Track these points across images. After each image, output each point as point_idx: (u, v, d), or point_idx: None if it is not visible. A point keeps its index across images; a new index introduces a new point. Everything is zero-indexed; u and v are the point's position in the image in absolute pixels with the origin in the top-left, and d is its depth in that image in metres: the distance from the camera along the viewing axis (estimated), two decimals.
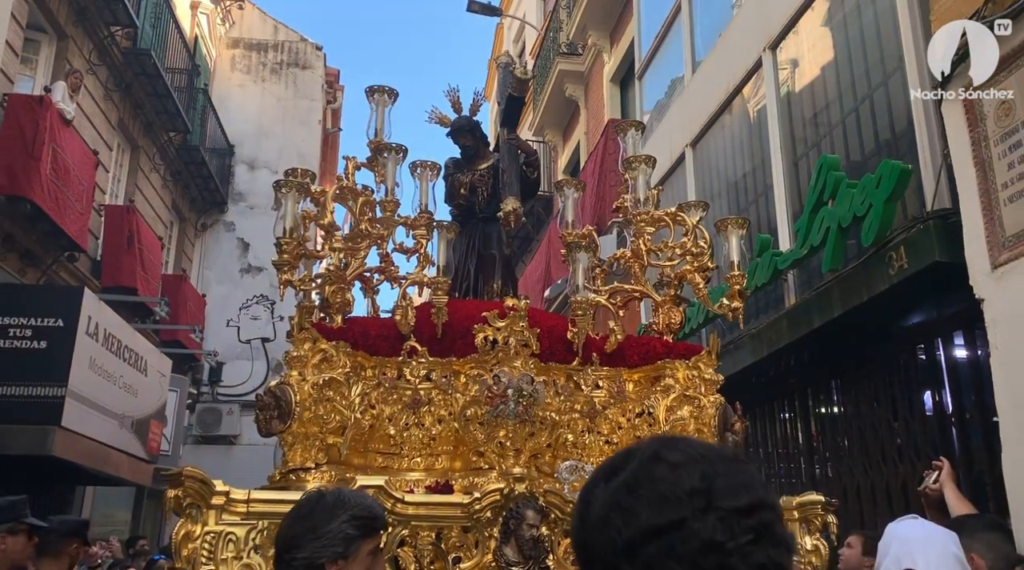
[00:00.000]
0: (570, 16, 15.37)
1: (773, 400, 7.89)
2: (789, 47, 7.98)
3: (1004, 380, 4.72)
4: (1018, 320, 4.57)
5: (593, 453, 4.33)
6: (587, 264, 4.41)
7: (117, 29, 12.74)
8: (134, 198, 14.42)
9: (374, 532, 2.23)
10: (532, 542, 3.58)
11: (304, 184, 4.18)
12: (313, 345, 4.06)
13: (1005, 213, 4.64)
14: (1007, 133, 4.67)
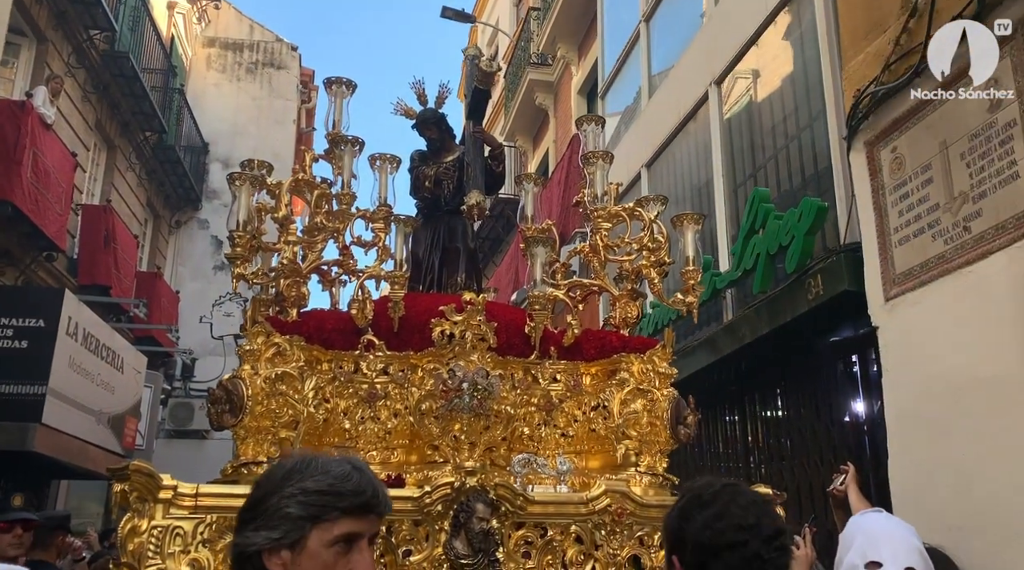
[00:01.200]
0: (540, 27, 15.29)
1: (718, 404, 8.14)
2: (731, 84, 8.40)
3: (892, 398, 5.26)
4: (904, 346, 5.12)
5: (549, 446, 4.22)
6: (545, 258, 4.29)
7: (96, 32, 12.61)
8: (110, 197, 14.26)
9: (340, 514, 1.55)
10: (482, 535, 3.45)
11: (258, 177, 4.02)
12: (266, 339, 3.90)
13: (896, 253, 5.20)
14: (898, 184, 5.20)
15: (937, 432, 4.80)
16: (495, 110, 18.90)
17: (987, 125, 4.57)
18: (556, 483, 3.86)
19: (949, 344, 4.73)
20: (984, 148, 4.60)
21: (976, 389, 4.50)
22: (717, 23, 8.68)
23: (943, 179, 4.86)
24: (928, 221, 4.97)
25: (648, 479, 3.96)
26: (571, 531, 3.61)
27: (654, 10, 10.68)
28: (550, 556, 3.59)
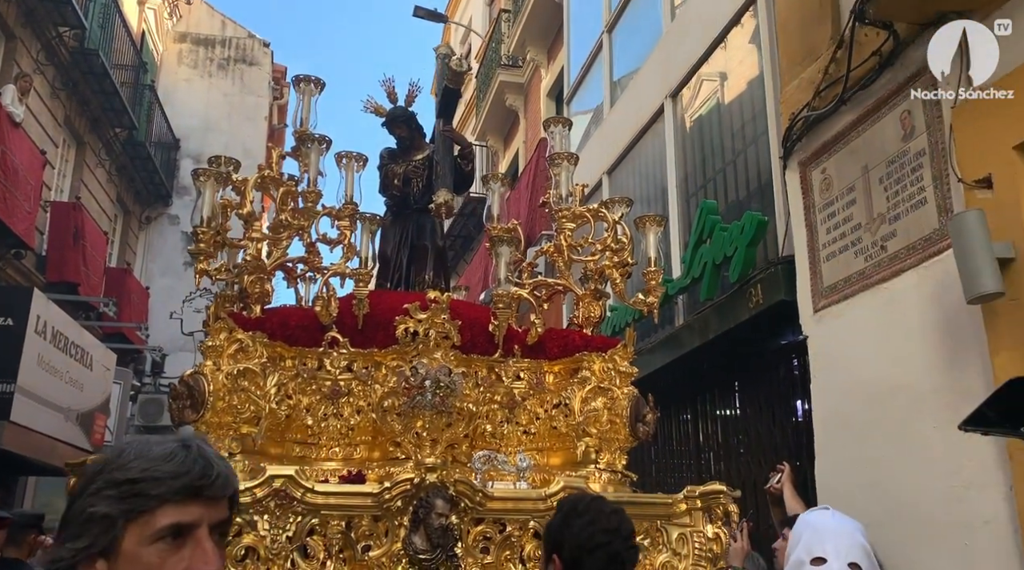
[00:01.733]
0: (511, 29, 15.29)
1: (674, 404, 8.31)
2: (686, 98, 8.61)
3: (818, 402, 5.53)
4: (829, 355, 5.40)
5: (511, 443, 4.21)
6: (510, 258, 4.28)
7: (65, 30, 12.41)
8: (80, 194, 14.08)
9: (159, 503, 1.24)
10: (441, 531, 3.43)
11: (223, 173, 3.98)
12: (229, 335, 3.87)
13: (824, 268, 5.47)
14: (827, 203, 5.45)
15: (857, 434, 5.07)
16: (467, 109, 18.86)
17: (901, 153, 4.83)
18: (516, 480, 3.85)
19: (868, 354, 5.00)
20: (898, 174, 4.86)
21: (891, 396, 4.76)
22: (673, 39, 8.88)
23: (864, 200, 5.12)
24: (851, 239, 5.22)
25: (607, 476, 3.97)
26: (529, 527, 3.60)
27: (616, 21, 10.83)
28: (508, 551, 3.58)
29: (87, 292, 12.92)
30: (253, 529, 3.43)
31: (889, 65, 4.86)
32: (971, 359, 4.21)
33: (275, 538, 3.43)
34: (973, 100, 4.25)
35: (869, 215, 5.05)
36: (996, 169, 4.14)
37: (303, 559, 3.47)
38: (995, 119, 4.14)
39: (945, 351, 4.41)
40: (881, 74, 4.92)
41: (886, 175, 4.93)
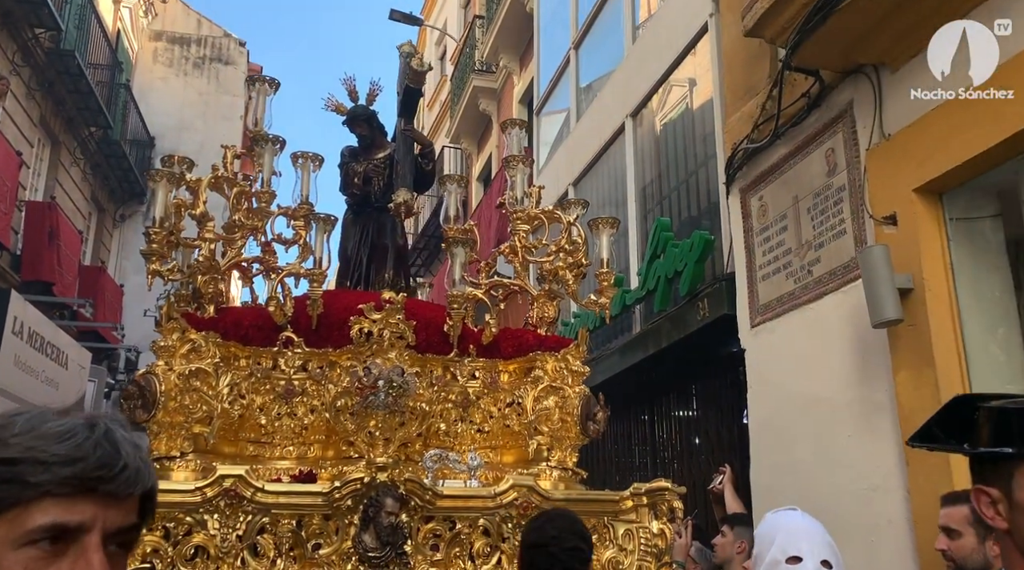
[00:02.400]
0: (485, 35, 15.25)
1: (635, 406, 8.53)
2: (645, 118, 8.87)
3: (753, 410, 5.87)
4: (763, 367, 5.75)
5: (464, 442, 4.20)
6: (465, 259, 4.26)
7: (41, 31, 12.28)
8: (54, 193, 13.94)
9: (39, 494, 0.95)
10: (390, 529, 3.41)
11: (175, 173, 3.94)
12: (182, 335, 3.83)
13: (760, 287, 5.80)
14: (763, 228, 5.78)
15: (785, 441, 5.42)
16: (442, 111, 18.80)
17: (826, 186, 5.19)
18: (468, 478, 3.84)
19: (795, 368, 5.37)
20: (823, 205, 5.22)
21: (813, 407, 5.16)
22: (634, 61, 9.08)
23: (795, 228, 5.47)
24: (783, 262, 5.57)
25: (558, 473, 3.96)
26: (479, 524, 3.59)
27: (582, 39, 10.95)
28: (458, 548, 3.57)
29: (61, 291, 12.80)
30: (203, 528, 3.40)
31: (816, 106, 5.21)
32: (879, 376, 4.62)
33: (225, 537, 3.40)
34: (885, 143, 4.64)
35: (798, 241, 5.42)
36: (900, 208, 4.52)
37: (253, 558, 3.44)
38: (900, 163, 4.51)
39: (858, 368, 4.82)
40: (809, 114, 5.28)
41: (813, 206, 5.30)
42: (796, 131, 5.42)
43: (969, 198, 4.43)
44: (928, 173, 4.35)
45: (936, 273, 4.36)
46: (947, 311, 4.31)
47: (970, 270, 4.37)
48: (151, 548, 3.34)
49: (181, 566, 3.35)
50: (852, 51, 4.74)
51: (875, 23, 4.45)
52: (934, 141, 4.32)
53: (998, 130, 3.91)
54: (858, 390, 4.79)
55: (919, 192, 4.42)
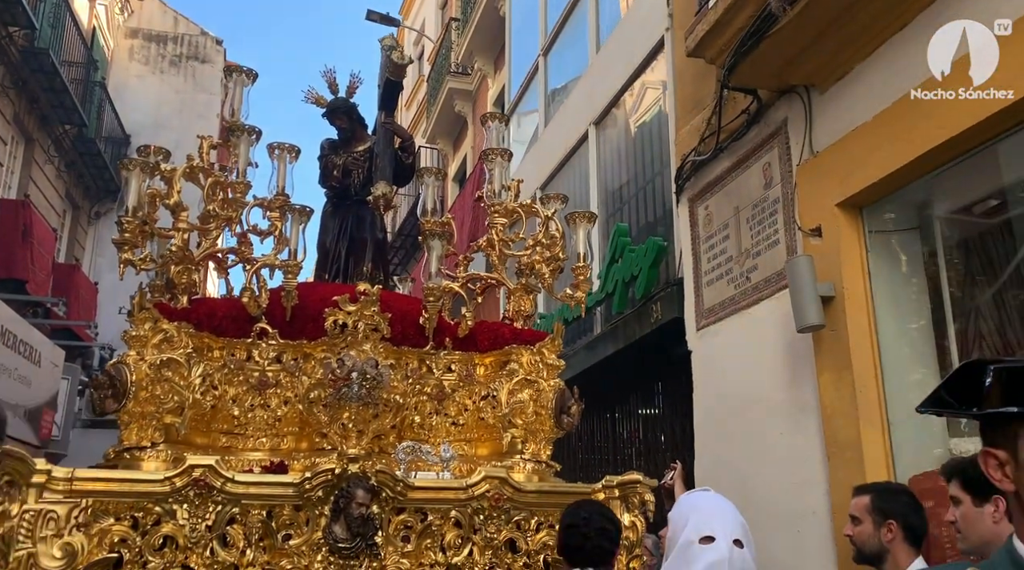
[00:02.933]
0: (460, 37, 15.22)
1: (601, 402, 8.62)
2: (608, 126, 9.10)
3: (698, 408, 6.12)
4: (707, 367, 6.01)
5: (439, 434, 4.14)
6: (441, 252, 4.21)
7: (16, 29, 12.09)
8: (28, 191, 13.74)
9: None
10: (361, 520, 3.36)
11: (149, 163, 3.87)
12: (154, 325, 3.75)
13: (705, 292, 6.03)
14: (708, 236, 6.00)
15: (725, 438, 5.67)
16: (419, 111, 18.74)
17: (763, 199, 5.41)
18: (440, 470, 3.79)
19: (735, 369, 5.59)
20: (760, 216, 5.43)
21: (752, 406, 5.37)
22: (597, 70, 9.22)
23: (736, 236, 5.71)
24: (725, 269, 5.81)
25: (532, 466, 3.93)
26: (451, 516, 3.55)
27: (551, 46, 11.10)
28: (429, 540, 3.52)
29: (35, 289, 12.61)
30: (172, 518, 3.34)
31: (755, 122, 5.44)
32: (806, 378, 4.87)
33: (194, 527, 3.34)
34: (813, 160, 4.89)
35: (739, 249, 5.66)
36: (824, 221, 4.78)
37: (223, 548, 3.37)
38: (826, 178, 4.76)
39: (788, 371, 5.07)
40: (749, 130, 5.51)
41: (751, 216, 5.52)
42: (737, 145, 5.65)
43: (887, 212, 4.69)
44: (849, 189, 4.58)
45: (855, 282, 4.60)
46: (864, 317, 4.55)
47: (887, 279, 4.64)
48: (119, 537, 3.28)
49: (149, 556, 3.29)
50: (784, 73, 4.95)
51: (803, 48, 4.69)
52: (855, 159, 4.54)
53: (912, 149, 4.10)
54: (788, 391, 5.04)
55: (841, 206, 4.67)
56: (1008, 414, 1.32)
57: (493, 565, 3.54)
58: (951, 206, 4.57)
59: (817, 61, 4.74)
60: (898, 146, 4.20)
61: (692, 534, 2.60)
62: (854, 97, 4.60)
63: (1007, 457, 1.33)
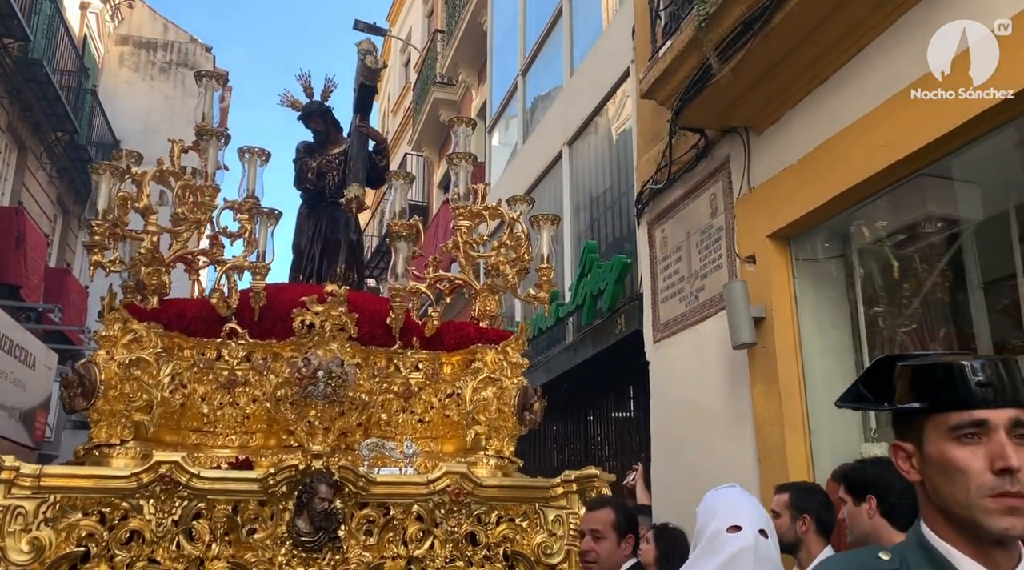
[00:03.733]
0: (445, 49, 15.23)
1: (576, 407, 8.93)
2: (580, 147, 9.33)
3: (654, 416, 6.42)
4: (662, 379, 6.33)
5: (406, 431, 4.16)
6: (408, 253, 4.23)
7: (10, 41, 12.15)
8: (21, 197, 13.74)
9: None
10: (323, 514, 3.39)
11: (119, 167, 3.88)
12: (123, 325, 3.77)
13: (661, 308, 6.37)
14: (664, 257, 6.36)
15: (677, 444, 5.99)
16: (405, 118, 18.74)
17: (709, 226, 5.78)
18: (404, 466, 3.81)
19: (685, 381, 5.94)
20: (707, 242, 5.79)
21: (699, 414, 5.70)
22: (571, 92, 9.45)
23: (687, 259, 6.08)
24: (678, 288, 6.15)
25: (495, 462, 3.95)
26: (413, 510, 3.57)
27: (529, 66, 11.27)
28: (391, 533, 3.55)
29: (28, 293, 12.65)
30: (139, 513, 3.37)
31: (704, 157, 5.82)
32: (742, 390, 5.25)
33: (161, 521, 3.36)
34: (749, 194, 5.29)
35: (689, 271, 6.03)
36: (758, 249, 5.20)
37: (189, 542, 3.40)
38: (759, 211, 5.18)
39: (728, 383, 5.43)
40: (698, 163, 5.89)
41: (700, 241, 5.90)
42: (688, 176, 6.03)
43: (812, 243, 5.13)
44: (778, 222, 5.00)
45: (783, 305, 5.03)
46: (791, 336, 4.96)
47: (812, 303, 5.07)
48: (87, 532, 3.31)
49: (116, 550, 3.32)
50: (726, 116, 5.36)
51: (739, 96, 5.08)
52: (783, 196, 4.96)
53: (829, 189, 4.53)
54: (728, 402, 5.43)
55: (772, 237, 5.10)
56: (913, 409, 1.37)
57: (454, 557, 3.57)
58: (867, 238, 5.00)
59: (753, 107, 5.16)
60: (819, 186, 4.62)
61: (720, 524, 2.66)
62: (784, 140, 5.00)
63: (913, 449, 1.38)
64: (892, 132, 4.08)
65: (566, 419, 9.20)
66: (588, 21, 9.34)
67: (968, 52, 3.70)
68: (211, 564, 3.40)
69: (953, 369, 1.34)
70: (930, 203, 4.47)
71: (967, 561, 1.29)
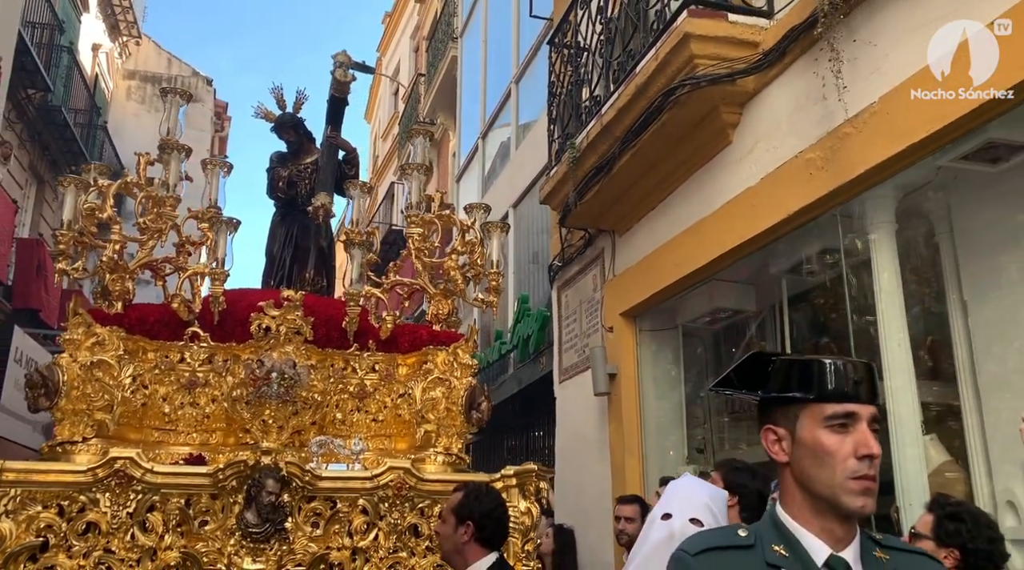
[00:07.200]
0: (425, 95, 15.23)
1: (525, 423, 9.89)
2: (522, 210, 10.19)
3: (559, 440, 7.33)
4: (563, 413, 7.22)
5: (360, 430, 4.06)
6: (363, 259, 4.14)
7: (34, 92, 12.48)
8: (40, 228, 13.90)
9: None
10: (271, 507, 3.29)
11: (84, 180, 3.81)
12: (87, 329, 3.67)
13: (564, 356, 7.27)
14: (567, 315, 7.24)
15: (573, 464, 6.90)
16: (391, 150, 18.71)
17: (592, 298, 6.70)
18: (351, 462, 3.69)
19: (575, 415, 6.89)
20: (590, 310, 6.71)
21: (582, 442, 6.71)
22: (517, 162, 10.14)
23: (579, 320, 6.98)
24: (574, 342, 7.06)
25: (443, 458, 3.84)
26: (358, 503, 3.47)
27: (488, 130, 11.71)
28: (337, 525, 3.45)
29: (47, 315, 12.74)
30: (95, 506, 3.27)
31: (590, 245, 6.78)
32: (605, 426, 6.29)
33: (116, 514, 3.27)
34: (612, 280, 6.29)
35: (581, 330, 6.93)
36: (615, 322, 6.20)
37: (143, 533, 3.29)
38: (617, 295, 6.19)
39: (599, 419, 6.40)
40: (586, 249, 6.86)
41: (587, 309, 6.83)
42: (581, 258, 6.97)
43: (654, 318, 6.13)
44: (627, 304, 6.02)
45: (628, 364, 6.09)
46: (633, 388, 6.04)
47: (651, 364, 6.13)
48: (45, 523, 3.22)
49: (74, 540, 3.25)
50: (597, 220, 6.37)
51: (603, 211, 6.09)
52: (631, 284, 5.97)
53: (661, 281, 5.49)
54: (599, 433, 6.41)
55: (623, 315, 6.12)
56: (791, 398, 1.44)
57: (397, 548, 3.47)
58: (690, 317, 6.03)
59: (614, 218, 6.19)
60: (653, 280, 5.62)
61: (656, 512, 2.62)
62: (635, 243, 6.00)
63: (785, 433, 1.44)
64: (696, 247, 5.07)
65: (519, 432, 10.19)
66: (531, 103, 9.76)
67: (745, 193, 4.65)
68: (164, 554, 3.29)
69: (832, 366, 1.42)
70: (719, 299, 5.63)
71: (811, 538, 1.39)
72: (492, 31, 11.92)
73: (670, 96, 4.68)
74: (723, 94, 4.61)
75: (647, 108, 4.91)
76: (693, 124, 4.87)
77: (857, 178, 3.80)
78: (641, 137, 5.07)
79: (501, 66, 11.18)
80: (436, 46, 14.59)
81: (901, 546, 1.50)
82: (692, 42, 4.47)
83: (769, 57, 4.48)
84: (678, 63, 4.60)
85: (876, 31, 3.80)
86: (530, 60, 9.89)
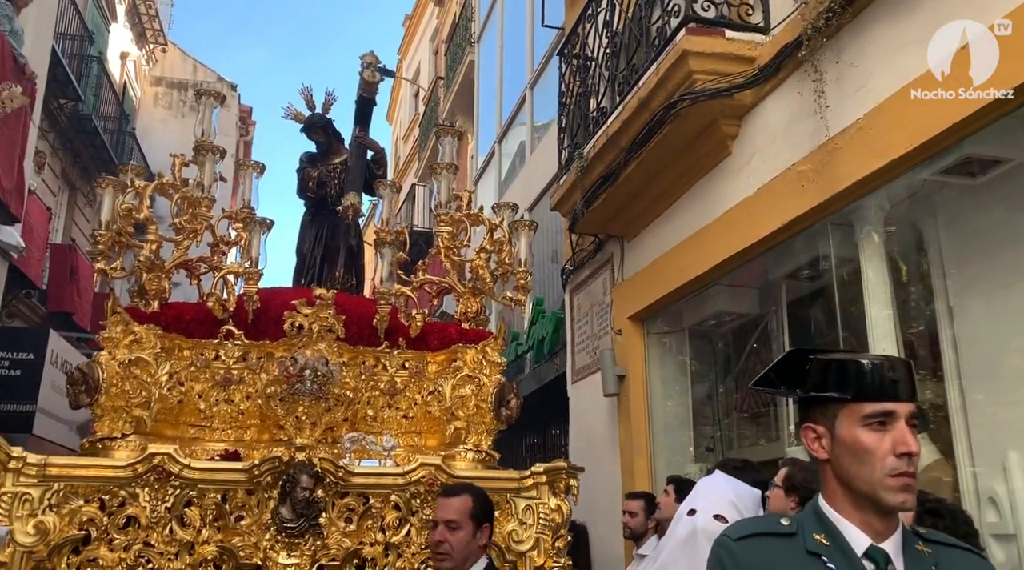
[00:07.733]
0: (444, 98, 15.23)
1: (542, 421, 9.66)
2: (536, 214, 9.89)
3: (572, 439, 7.42)
4: (577, 411, 7.32)
5: (391, 426, 4.07)
6: (392, 258, 4.15)
7: (65, 101, 12.66)
8: (72, 234, 14.11)
9: None
10: (305, 502, 3.30)
11: (122, 182, 3.84)
12: (125, 328, 3.70)
13: (576, 358, 7.37)
14: (579, 318, 7.34)
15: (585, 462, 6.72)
16: (411, 152, 18.74)
17: (602, 301, 6.79)
18: (383, 458, 3.70)
19: (587, 414, 6.99)
20: (601, 313, 6.81)
21: (594, 438, 6.81)
22: (532, 167, 10.16)
23: (591, 323, 7.07)
24: (585, 344, 7.14)
25: (473, 455, 3.84)
26: (390, 499, 3.47)
27: (504, 134, 11.68)
28: (370, 521, 3.45)
29: (80, 318, 12.88)
30: (135, 500, 3.30)
31: (599, 250, 6.87)
32: (614, 424, 6.42)
33: (155, 508, 3.30)
34: (621, 285, 6.39)
35: (592, 332, 7.02)
36: (624, 325, 6.29)
37: (181, 527, 3.31)
38: (625, 298, 6.29)
39: (610, 418, 6.51)
40: (596, 254, 6.94)
41: (597, 312, 6.91)
42: (591, 263, 7.07)
43: (661, 321, 6.21)
44: (635, 307, 6.11)
45: (637, 366, 6.16)
46: (641, 389, 6.10)
47: (658, 365, 6.18)
48: (87, 517, 3.27)
49: (115, 534, 3.29)
50: (606, 227, 6.50)
51: (611, 217, 6.21)
52: (639, 289, 6.06)
53: (668, 285, 5.56)
54: (610, 430, 6.52)
55: (631, 318, 6.21)
56: (829, 398, 1.43)
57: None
58: (696, 320, 6.07)
59: (622, 224, 6.28)
60: (660, 284, 5.71)
61: (683, 508, 2.65)
62: (643, 248, 6.09)
63: (825, 431, 1.44)
64: (700, 253, 5.16)
65: (536, 430, 10.12)
66: (545, 108, 9.71)
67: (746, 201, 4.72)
68: (201, 548, 3.31)
69: (869, 366, 1.42)
70: (723, 302, 5.69)
71: (852, 528, 1.40)
72: (508, 37, 11.93)
73: (671, 110, 4.79)
74: (722, 107, 4.72)
75: (650, 121, 5.03)
76: (694, 136, 4.98)
77: (845, 190, 3.90)
78: (645, 148, 5.18)
79: (516, 71, 11.20)
80: (454, 50, 14.59)
81: (945, 541, 1.50)
82: (690, 59, 4.59)
83: (764, 72, 4.55)
84: (678, 78, 4.71)
85: (860, 52, 3.89)
86: (543, 67, 9.93)
